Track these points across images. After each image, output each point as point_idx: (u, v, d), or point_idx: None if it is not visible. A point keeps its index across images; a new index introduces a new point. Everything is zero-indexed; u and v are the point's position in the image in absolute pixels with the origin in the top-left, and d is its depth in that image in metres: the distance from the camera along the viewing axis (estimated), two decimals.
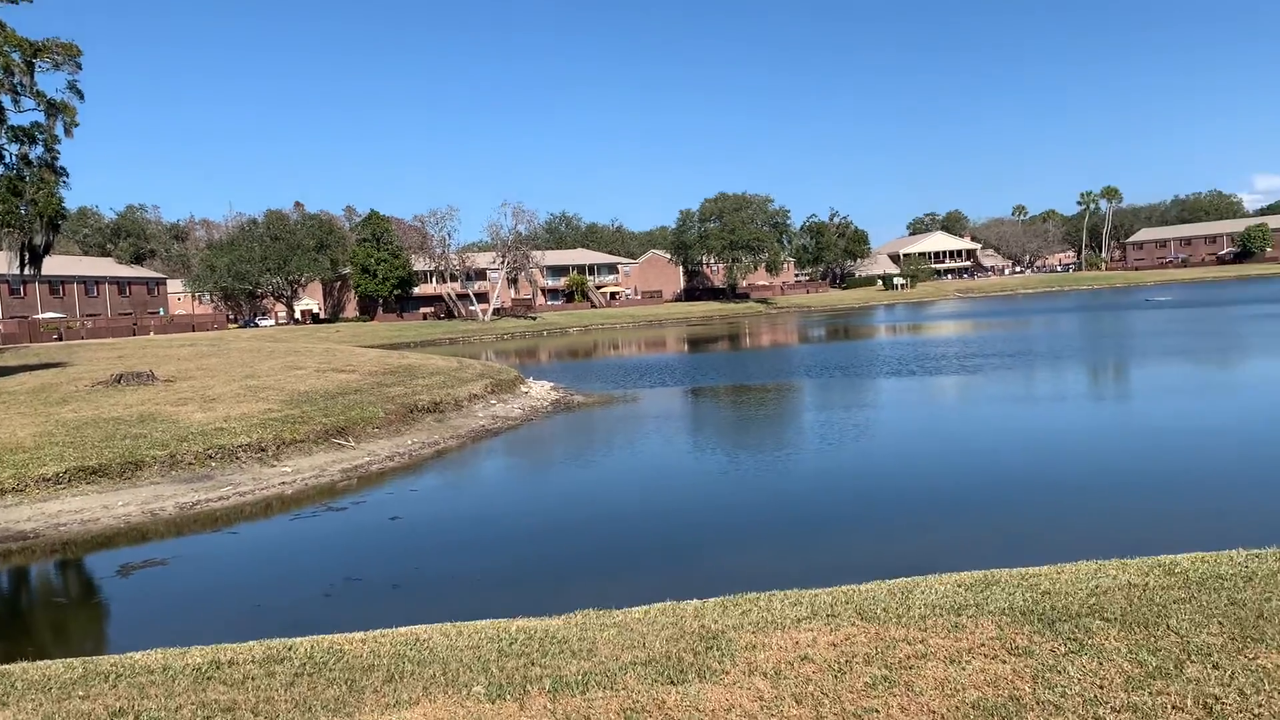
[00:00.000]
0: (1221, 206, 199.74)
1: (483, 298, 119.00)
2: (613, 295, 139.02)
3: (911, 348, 51.25)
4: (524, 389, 35.20)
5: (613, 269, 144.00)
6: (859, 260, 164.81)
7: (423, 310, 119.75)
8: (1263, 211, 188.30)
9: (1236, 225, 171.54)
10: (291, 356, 38.00)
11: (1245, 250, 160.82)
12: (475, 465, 23.68)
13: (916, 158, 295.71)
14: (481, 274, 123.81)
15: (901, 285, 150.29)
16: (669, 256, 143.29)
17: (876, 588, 8.58)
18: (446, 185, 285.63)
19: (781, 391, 34.77)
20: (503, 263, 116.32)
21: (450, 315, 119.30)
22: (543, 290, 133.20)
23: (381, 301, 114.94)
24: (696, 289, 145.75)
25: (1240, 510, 14.42)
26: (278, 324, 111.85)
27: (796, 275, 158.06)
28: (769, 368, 45.00)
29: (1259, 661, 5.72)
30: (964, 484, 17.76)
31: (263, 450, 21.99)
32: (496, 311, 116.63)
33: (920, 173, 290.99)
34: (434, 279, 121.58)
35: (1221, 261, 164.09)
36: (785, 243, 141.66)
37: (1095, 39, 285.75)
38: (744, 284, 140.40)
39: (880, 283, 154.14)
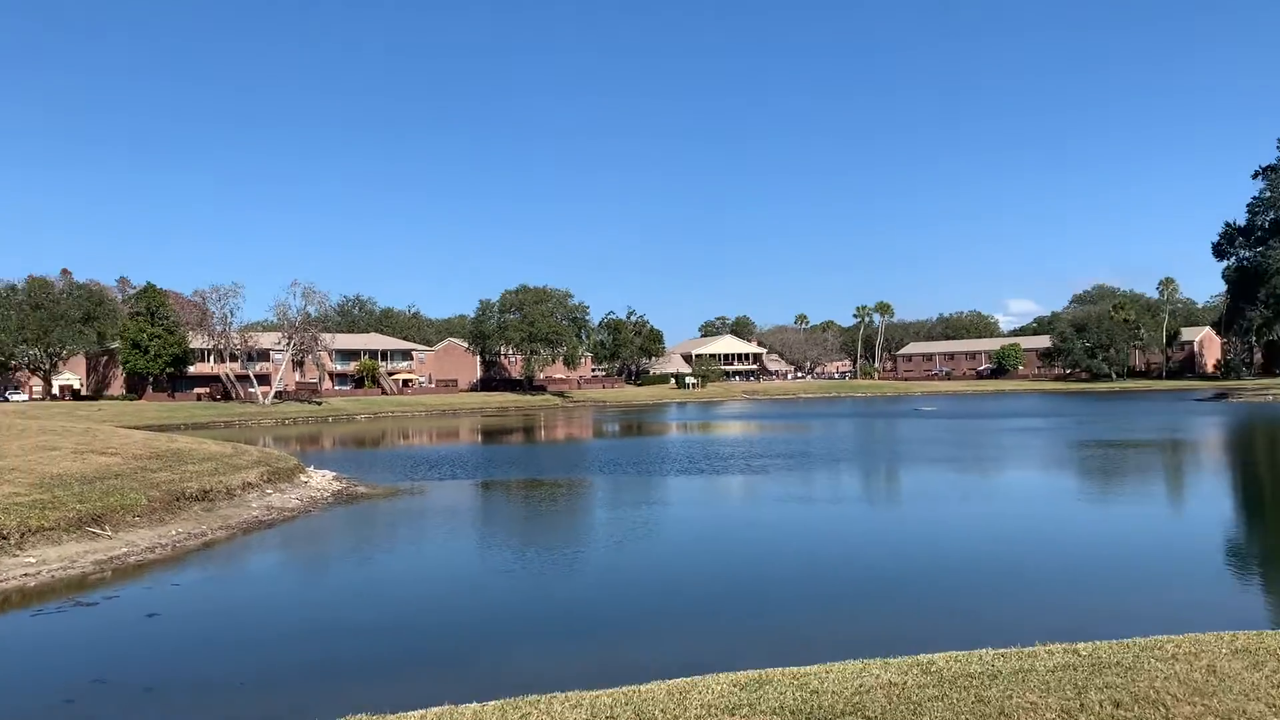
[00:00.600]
0: (980, 326, 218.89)
1: (264, 380, 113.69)
2: (406, 383, 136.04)
3: (701, 446, 52.68)
4: (304, 478, 33.65)
5: (407, 355, 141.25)
6: (654, 358, 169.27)
7: (197, 390, 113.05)
8: (1015, 332, 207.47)
9: (993, 344, 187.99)
10: (46, 436, 34.84)
11: (1000, 367, 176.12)
12: (245, 559, 22.29)
13: (710, 263, 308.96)
14: (265, 355, 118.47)
15: (693, 384, 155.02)
16: (467, 345, 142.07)
17: (655, 688, 8.63)
18: (233, 261, 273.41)
19: (574, 487, 34.83)
20: (288, 344, 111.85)
21: (228, 396, 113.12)
22: (331, 374, 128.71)
23: (152, 379, 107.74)
24: (494, 379, 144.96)
25: (991, 608, 15.49)
26: (31, 399, 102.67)
27: (593, 370, 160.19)
28: (562, 462, 45.05)
29: None
30: (740, 582, 18.23)
31: (3, 538, 19.91)
32: (279, 395, 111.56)
33: (712, 278, 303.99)
34: (212, 358, 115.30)
35: (980, 376, 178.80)
36: (584, 337, 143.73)
37: (880, 171, 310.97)
38: (541, 376, 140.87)
39: (673, 381, 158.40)
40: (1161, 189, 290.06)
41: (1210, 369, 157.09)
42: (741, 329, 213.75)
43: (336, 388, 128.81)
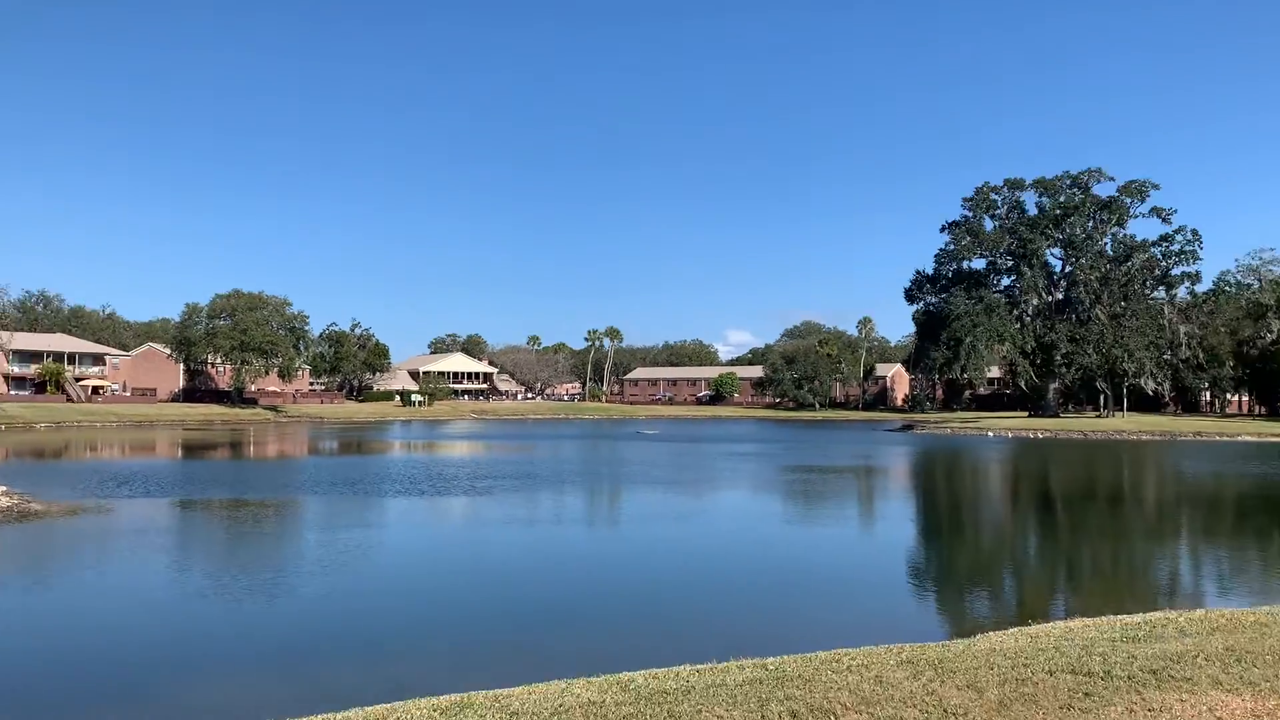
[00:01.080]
0: (701, 355, 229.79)
1: None
2: (96, 390, 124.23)
3: (424, 466, 51.56)
4: None
5: (99, 360, 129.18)
6: (379, 374, 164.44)
7: None
8: (732, 362, 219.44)
9: (712, 372, 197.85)
10: None
11: (719, 393, 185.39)
12: None
13: (441, 280, 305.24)
14: None
15: (420, 402, 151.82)
16: (169, 352, 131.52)
17: (353, 715, 8.30)
18: None
19: (282, 508, 32.98)
20: None
21: None
22: (7, 377, 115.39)
23: None
24: (198, 390, 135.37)
25: (695, 626, 16.08)
26: None
27: (312, 384, 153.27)
28: (271, 481, 42.62)
29: None
30: (452, 605, 17.93)
31: None
32: None
33: (444, 295, 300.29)
34: None
35: (700, 402, 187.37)
36: (302, 349, 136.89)
37: (614, 201, 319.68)
38: (253, 388, 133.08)
39: (399, 398, 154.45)
40: (865, 236, 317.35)
41: (900, 402, 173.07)
42: (473, 348, 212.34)
43: (13, 392, 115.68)
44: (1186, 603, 17.14)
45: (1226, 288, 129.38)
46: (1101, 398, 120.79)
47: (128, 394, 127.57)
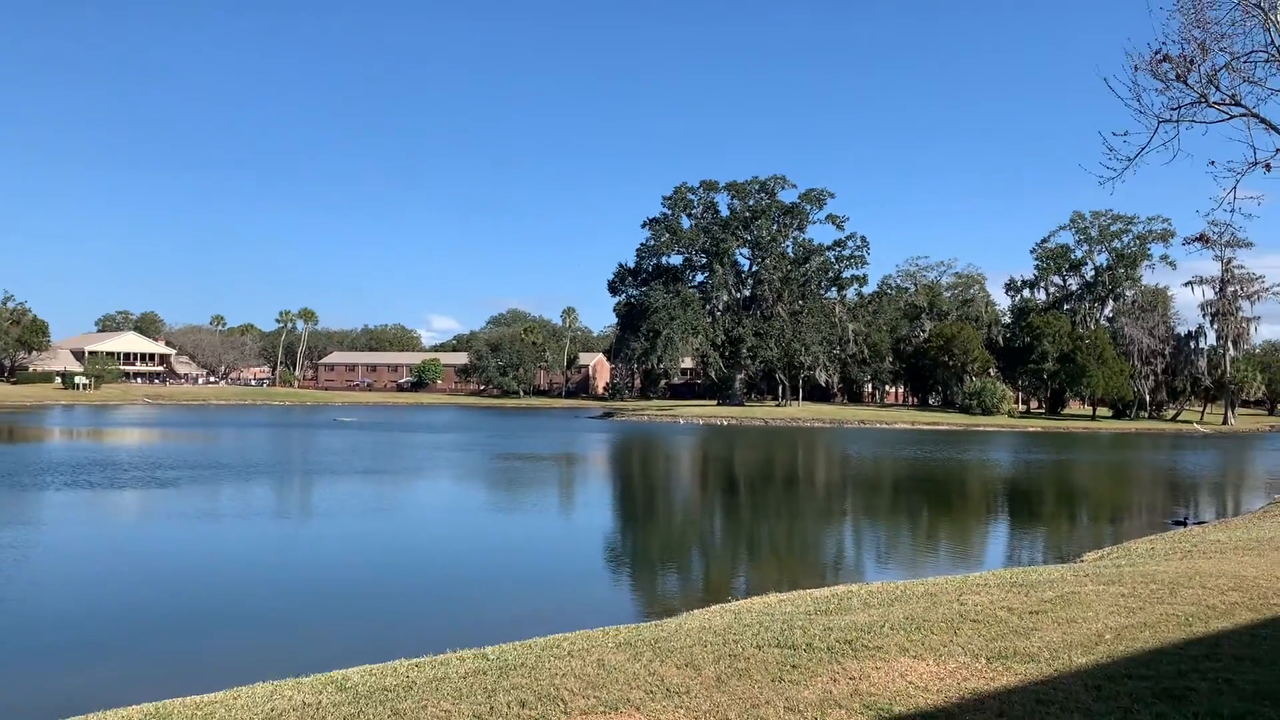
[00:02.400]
0: (404, 339, 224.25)
1: None
2: None
3: (89, 455, 46.66)
4: None
5: None
6: (36, 353, 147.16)
7: None
8: (436, 348, 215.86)
9: (415, 358, 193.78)
10: None
11: (421, 380, 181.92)
12: None
13: (112, 249, 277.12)
14: None
15: (84, 385, 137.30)
16: None
17: None
18: None
19: None
20: None
21: None
22: None
23: None
24: None
25: (407, 620, 15.70)
26: None
27: None
28: None
29: None
30: (134, 610, 16.37)
31: None
32: None
33: (114, 268, 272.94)
34: None
35: (401, 388, 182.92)
36: None
37: (300, 176, 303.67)
38: None
39: (60, 380, 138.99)
40: (572, 226, 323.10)
41: (601, 390, 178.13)
42: (148, 326, 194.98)
43: None
44: (860, 576, 18.92)
45: (888, 290, 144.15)
46: (780, 388, 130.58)
47: None
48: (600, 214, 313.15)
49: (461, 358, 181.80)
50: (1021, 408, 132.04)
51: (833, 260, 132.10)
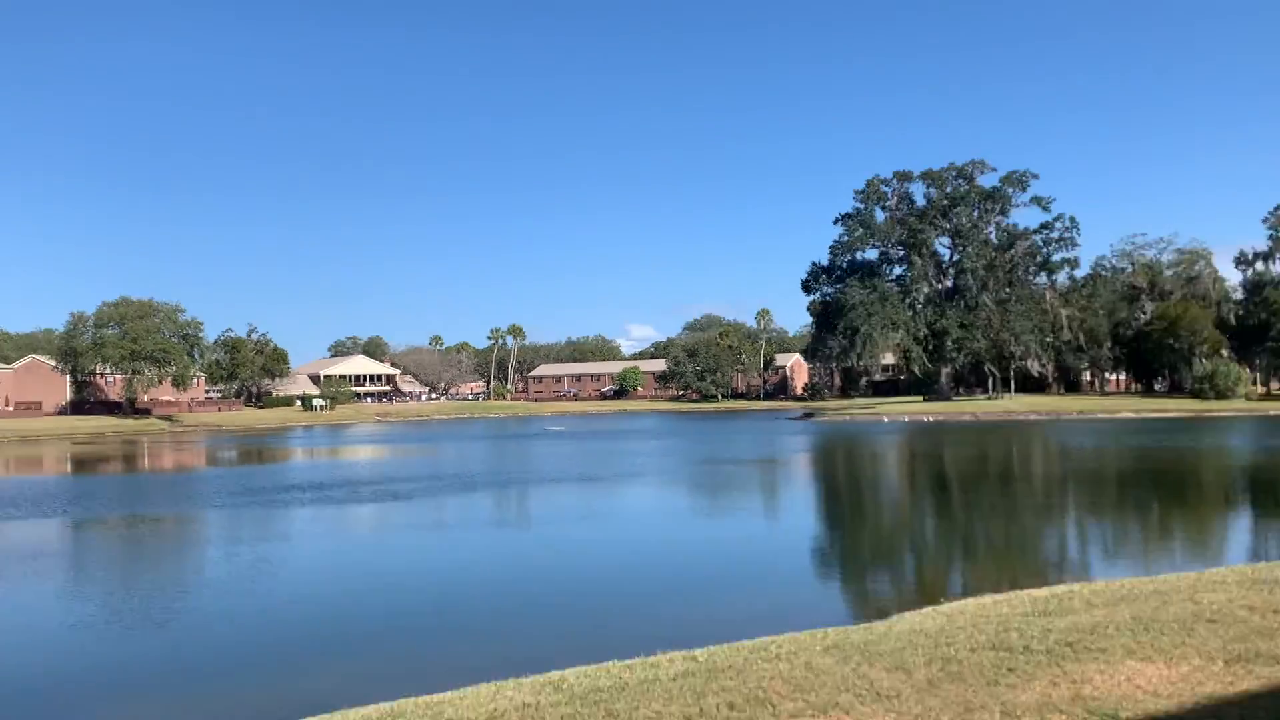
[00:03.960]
0: (605, 349, 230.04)
1: None
2: None
3: (328, 472, 50.47)
4: None
5: None
6: (278, 379, 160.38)
7: None
8: (635, 356, 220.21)
9: (616, 366, 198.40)
10: None
11: (623, 388, 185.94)
12: None
13: (340, 280, 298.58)
14: None
15: (321, 406, 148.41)
16: (54, 364, 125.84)
17: None
18: None
19: (181, 524, 31.94)
20: None
21: None
22: None
23: None
24: (87, 402, 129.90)
25: (618, 622, 16.20)
26: None
27: (208, 392, 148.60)
28: (169, 495, 41.24)
29: None
30: (369, 615, 17.62)
31: None
32: None
33: (344, 298, 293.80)
34: None
35: (604, 397, 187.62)
36: (196, 356, 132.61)
37: (500, 196, 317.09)
38: (146, 399, 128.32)
39: (300, 403, 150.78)
40: (763, 228, 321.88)
41: (799, 391, 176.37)
42: (374, 349, 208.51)
43: None
44: (1083, 574, 17.96)
45: (1103, 272, 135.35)
46: (991, 380, 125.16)
47: (10, 408, 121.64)
48: (791, 213, 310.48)
49: (660, 364, 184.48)
50: (1260, 390, 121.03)
51: (1040, 244, 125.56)
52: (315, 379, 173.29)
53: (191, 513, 33.79)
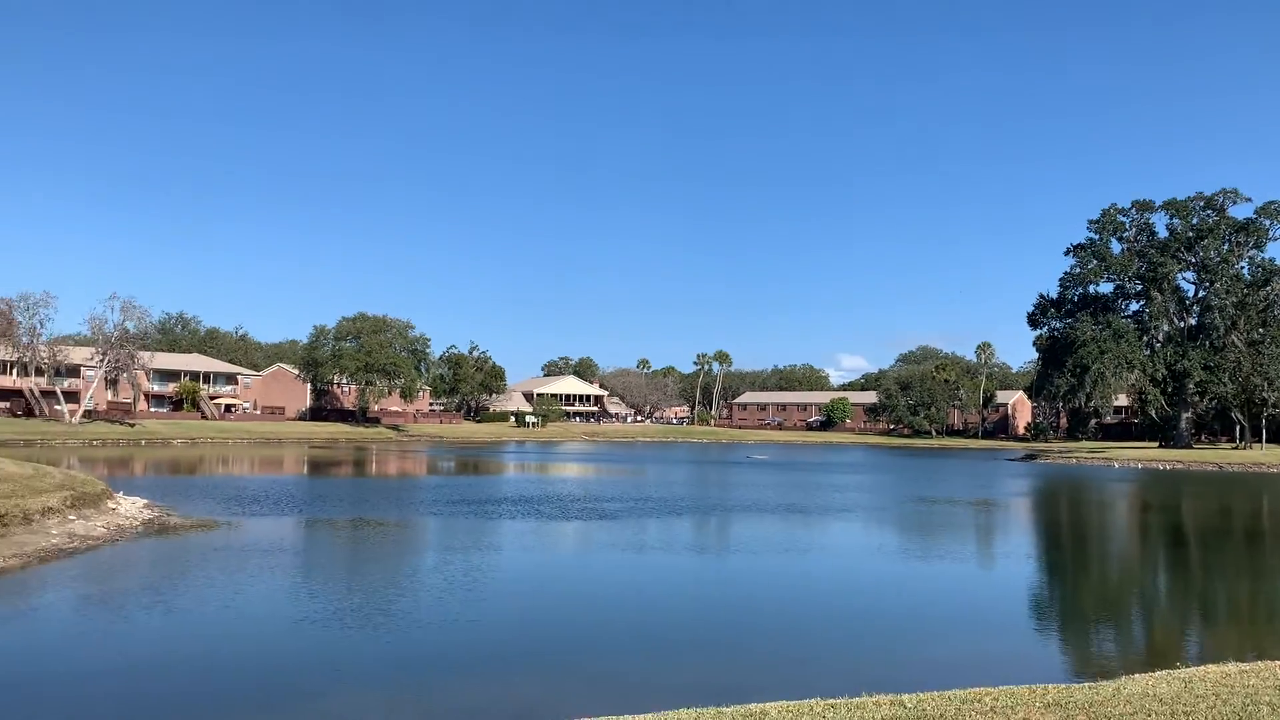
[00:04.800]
0: (812, 379, 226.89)
1: (73, 397, 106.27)
2: (229, 408, 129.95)
3: (538, 487, 52.21)
4: (112, 505, 31.45)
5: (231, 379, 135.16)
6: (494, 395, 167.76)
7: None
8: (844, 387, 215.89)
9: (824, 396, 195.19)
10: None
11: (830, 419, 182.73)
12: (41, 590, 20.54)
13: (556, 304, 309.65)
14: (75, 371, 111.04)
15: (533, 423, 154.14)
16: (297, 373, 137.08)
17: None
18: (45, 270, 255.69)
19: (404, 528, 33.86)
20: (102, 361, 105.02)
21: (31, 413, 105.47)
22: (148, 395, 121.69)
23: None
24: (324, 409, 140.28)
25: (817, 658, 15.80)
26: None
27: (431, 404, 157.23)
28: (393, 500, 43.84)
29: None
30: (569, 630, 18.00)
31: None
32: (88, 414, 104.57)
33: (558, 318, 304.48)
34: (14, 371, 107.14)
35: (810, 427, 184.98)
36: (423, 370, 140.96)
37: (714, 225, 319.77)
38: (376, 408, 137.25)
39: (514, 419, 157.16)
40: (984, 259, 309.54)
41: (1021, 430, 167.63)
42: (584, 370, 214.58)
43: (153, 409, 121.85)
44: None
45: None
46: (1237, 429, 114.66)
47: (258, 412, 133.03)
48: (1017, 243, 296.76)
49: (870, 396, 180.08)
50: None
51: None
52: (528, 396, 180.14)
53: (412, 518, 35.74)
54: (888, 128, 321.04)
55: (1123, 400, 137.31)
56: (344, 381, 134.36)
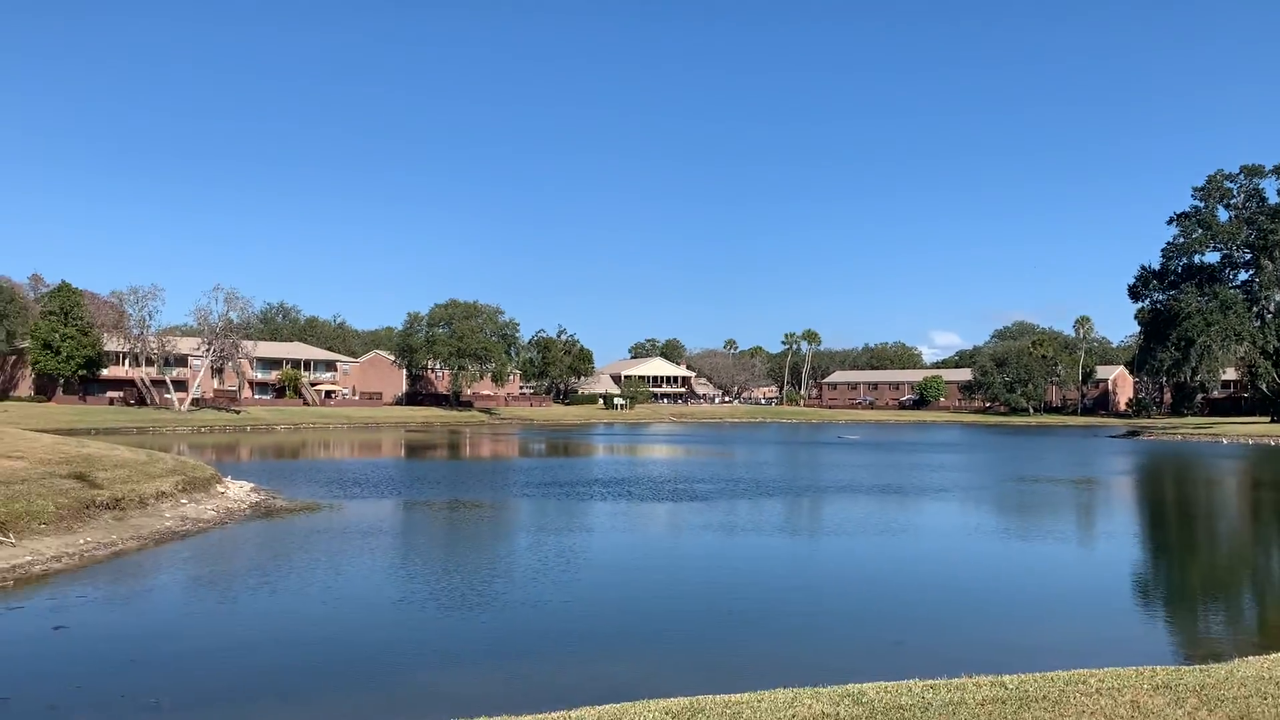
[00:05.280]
0: (904, 357, 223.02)
1: (181, 386, 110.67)
2: (329, 394, 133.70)
3: (628, 469, 52.57)
4: (220, 489, 32.72)
5: (331, 366, 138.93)
6: (583, 377, 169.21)
7: (110, 394, 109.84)
8: (937, 365, 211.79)
9: (916, 375, 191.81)
10: None
11: (923, 397, 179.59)
12: (156, 571, 21.53)
13: (642, 285, 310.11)
14: (183, 360, 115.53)
15: (621, 405, 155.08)
16: (393, 359, 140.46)
17: (586, 713, 8.50)
18: (153, 263, 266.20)
19: (498, 509, 34.47)
20: (208, 350, 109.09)
21: (143, 402, 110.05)
22: (252, 383, 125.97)
23: (63, 381, 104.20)
24: (419, 393, 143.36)
25: (915, 639, 15.62)
26: None
27: (521, 387, 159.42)
28: (487, 482, 44.63)
29: None
30: (666, 610, 18.13)
31: None
32: (196, 402, 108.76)
33: (644, 300, 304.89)
34: (127, 361, 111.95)
35: (903, 406, 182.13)
36: (513, 354, 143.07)
37: (803, 203, 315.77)
38: (468, 392, 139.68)
39: (602, 401, 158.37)
40: (1081, 230, 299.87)
41: (1122, 407, 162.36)
42: (671, 352, 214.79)
43: (257, 396, 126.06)
44: None
45: None
46: None
47: (356, 398, 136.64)
48: (1117, 214, 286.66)
49: (965, 374, 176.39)
50: None
51: None
52: (616, 379, 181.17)
53: (505, 500, 36.36)
54: (975, 96, 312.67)
55: (1231, 374, 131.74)
56: (437, 367, 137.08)
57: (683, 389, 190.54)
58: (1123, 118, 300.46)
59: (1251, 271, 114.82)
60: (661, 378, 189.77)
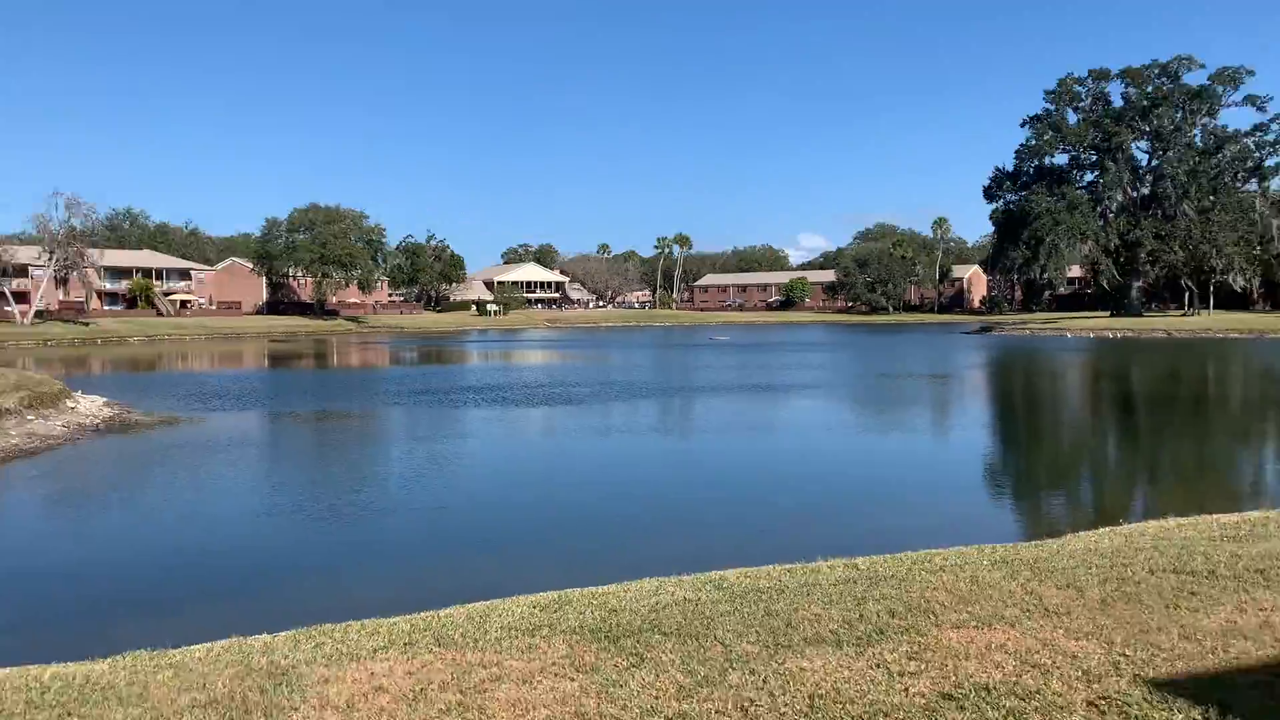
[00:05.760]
0: (772, 260, 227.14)
1: (22, 298, 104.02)
2: (184, 304, 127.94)
3: (502, 374, 52.40)
4: (70, 404, 31.17)
5: (185, 275, 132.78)
6: (454, 284, 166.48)
7: None
8: (803, 266, 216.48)
9: (783, 277, 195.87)
10: None
11: (789, 299, 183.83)
12: (3, 490, 20.51)
13: (513, 191, 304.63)
14: (23, 270, 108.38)
15: (495, 311, 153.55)
16: (251, 266, 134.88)
17: (455, 612, 8.57)
18: None
19: (369, 419, 33.97)
20: (50, 260, 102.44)
21: None
22: (100, 294, 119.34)
23: None
24: (281, 302, 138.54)
25: (778, 529, 16.31)
26: None
27: (390, 295, 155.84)
28: (356, 391, 43.83)
29: (788, 665, 6.45)
30: (539, 511, 18.39)
31: None
32: (40, 314, 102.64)
33: (516, 206, 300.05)
34: None
35: (770, 307, 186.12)
36: (380, 261, 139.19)
37: (676, 103, 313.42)
38: (334, 301, 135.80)
39: (474, 308, 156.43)
40: (939, 134, 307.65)
41: (977, 304, 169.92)
42: (545, 257, 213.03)
43: (106, 308, 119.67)
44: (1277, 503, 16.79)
45: None
46: (1186, 296, 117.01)
47: (214, 308, 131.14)
48: (972, 117, 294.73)
49: (829, 275, 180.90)
50: None
51: (1252, 148, 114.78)
52: (489, 285, 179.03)
53: (375, 409, 35.84)
54: (837, 10, 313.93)
55: (1076, 271, 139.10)
56: (300, 274, 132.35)
57: (557, 294, 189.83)
58: (981, 27, 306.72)
59: (1096, 173, 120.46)
60: (535, 283, 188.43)
